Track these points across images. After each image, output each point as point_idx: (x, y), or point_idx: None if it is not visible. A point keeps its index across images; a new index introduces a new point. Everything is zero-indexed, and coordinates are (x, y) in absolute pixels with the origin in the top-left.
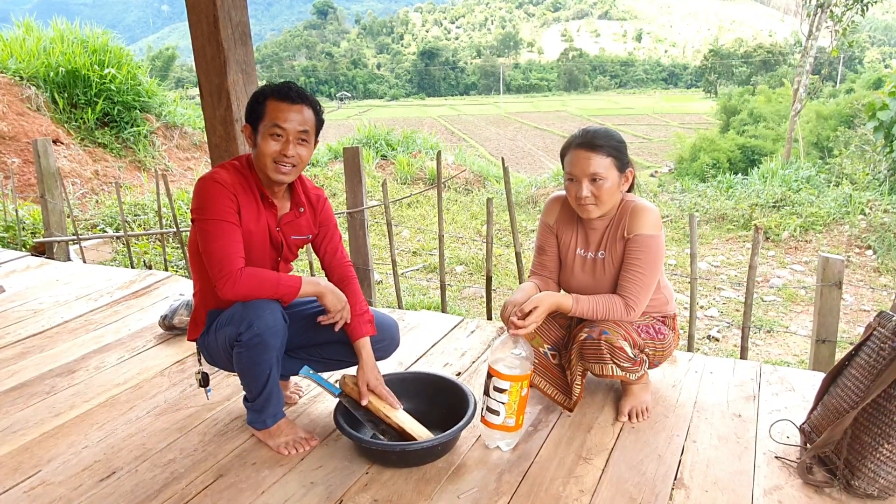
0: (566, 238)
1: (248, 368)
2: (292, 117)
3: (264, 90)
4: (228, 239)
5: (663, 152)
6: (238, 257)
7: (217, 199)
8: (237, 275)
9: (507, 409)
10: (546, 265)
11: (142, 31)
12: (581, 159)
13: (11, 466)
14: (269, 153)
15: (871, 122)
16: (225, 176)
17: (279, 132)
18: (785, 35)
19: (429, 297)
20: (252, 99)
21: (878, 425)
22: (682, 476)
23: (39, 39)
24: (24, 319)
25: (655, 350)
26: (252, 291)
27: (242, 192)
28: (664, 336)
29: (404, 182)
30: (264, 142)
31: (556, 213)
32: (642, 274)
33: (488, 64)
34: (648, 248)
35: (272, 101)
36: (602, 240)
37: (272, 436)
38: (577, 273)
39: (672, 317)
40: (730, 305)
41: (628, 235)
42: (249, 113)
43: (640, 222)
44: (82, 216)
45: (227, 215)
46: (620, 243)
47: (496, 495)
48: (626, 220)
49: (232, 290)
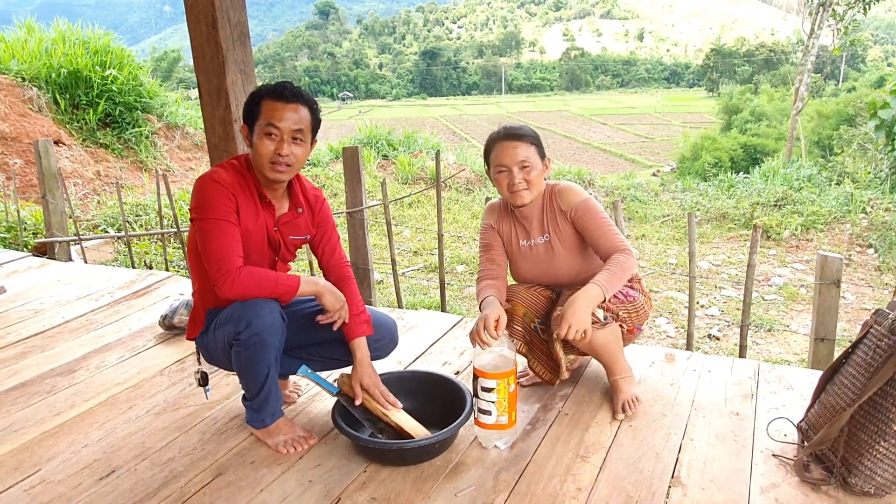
0: (506, 235)
1: (246, 367)
2: (287, 116)
3: (260, 90)
4: (227, 238)
5: (665, 151)
6: (237, 256)
7: (216, 198)
8: (236, 273)
9: (498, 408)
10: (495, 259)
11: (144, 32)
12: (509, 149)
13: (12, 465)
14: (265, 152)
15: (872, 120)
16: (223, 175)
17: (274, 131)
18: (787, 34)
19: (429, 297)
20: (249, 99)
21: (875, 423)
22: (680, 474)
23: (41, 40)
24: (26, 319)
25: (629, 313)
26: (250, 290)
27: (241, 191)
28: (633, 298)
29: (405, 182)
30: (260, 141)
31: (495, 215)
32: (610, 226)
33: (490, 64)
34: (594, 209)
35: (267, 101)
36: (541, 225)
37: (271, 434)
38: (526, 262)
39: (637, 280)
40: (730, 304)
41: (567, 209)
42: (246, 113)
43: (570, 194)
44: (84, 217)
45: (226, 214)
46: (563, 221)
47: (493, 493)
48: (556, 200)
49: (230, 289)
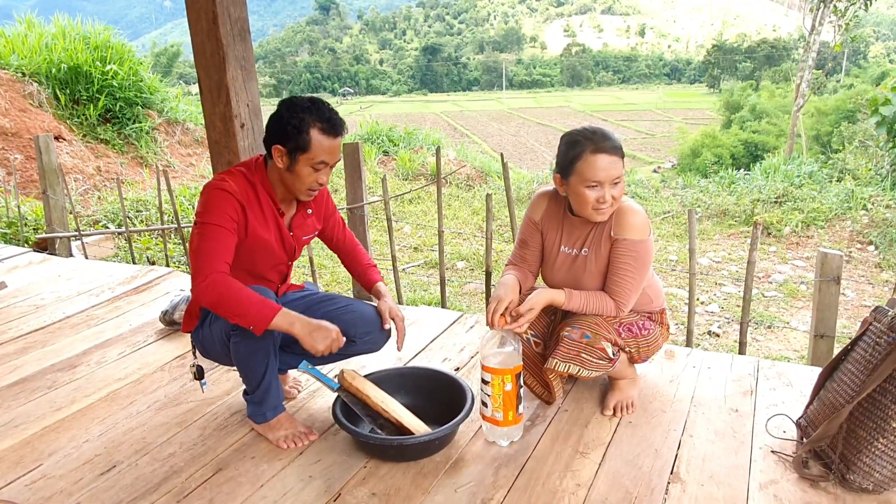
0: (551, 235)
1: (245, 358)
2: (337, 151)
3: (306, 117)
4: (218, 242)
5: (666, 148)
6: (222, 262)
7: (219, 205)
8: (214, 277)
9: (493, 402)
10: (527, 259)
11: (144, 27)
12: (607, 164)
13: (13, 460)
14: (308, 182)
15: (873, 117)
16: (232, 185)
17: (324, 167)
18: (789, 30)
19: (430, 293)
20: (290, 120)
21: (874, 420)
22: (679, 470)
23: (41, 36)
24: (26, 315)
25: (640, 347)
26: (222, 300)
27: (250, 200)
28: (649, 331)
29: (406, 178)
30: (304, 170)
31: (542, 209)
32: (632, 277)
33: (491, 59)
34: (637, 254)
35: (319, 135)
36: (587, 238)
37: (272, 429)
38: (559, 269)
39: (659, 312)
40: (731, 301)
41: (615, 237)
42: (285, 136)
43: (627, 226)
44: (84, 212)
45: (224, 221)
46: (606, 243)
47: (493, 489)
48: (612, 220)
49: (203, 292)
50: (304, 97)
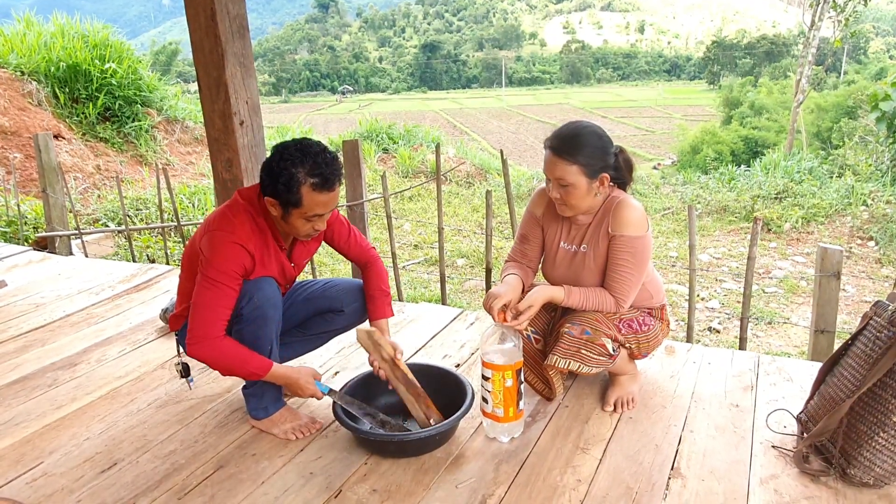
0: (552, 230)
1: (250, 346)
2: (331, 203)
3: (296, 174)
4: (220, 302)
5: (666, 144)
6: (221, 323)
7: (228, 259)
8: (212, 341)
9: (493, 399)
10: (527, 254)
11: (143, 25)
12: (548, 162)
13: (14, 458)
14: (305, 230)
15: (873, 112)
16: (242, 234)
17: (317, 218)
18: (789, 25)
19: (430, 290)
20: (281, 177)
21: (874, 414)
22: (679, 465)
23: (40, 34)
24: (27, 313)
25: (640, 343)
26: (217, 362)
27: (258, 245)
28: (649, 327)
29: (406, 175)
30: (298, 222)
31: (543, 204)
32: (630, 273)
33: (490, 57)
34: (635, 250)
35: (311, 192)
36: (585, 234)
37: (276, 423)
38: (559, 265)
39: (659, 308)
40: (731, 297)
41: (612, 233)
42: (276, 191)
43: (625, 222)
44: (84, 211)
45: (230, 280)
46: (604, 240)
47: (494, 485)
48: (609, 217)
49: (200, 352)
50: (294, 145)
